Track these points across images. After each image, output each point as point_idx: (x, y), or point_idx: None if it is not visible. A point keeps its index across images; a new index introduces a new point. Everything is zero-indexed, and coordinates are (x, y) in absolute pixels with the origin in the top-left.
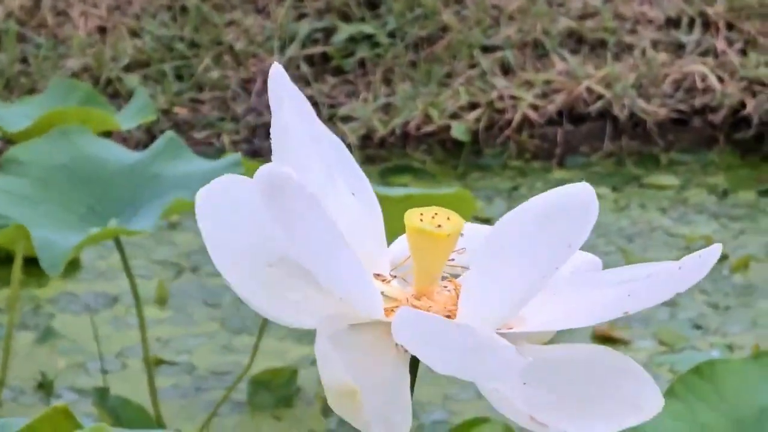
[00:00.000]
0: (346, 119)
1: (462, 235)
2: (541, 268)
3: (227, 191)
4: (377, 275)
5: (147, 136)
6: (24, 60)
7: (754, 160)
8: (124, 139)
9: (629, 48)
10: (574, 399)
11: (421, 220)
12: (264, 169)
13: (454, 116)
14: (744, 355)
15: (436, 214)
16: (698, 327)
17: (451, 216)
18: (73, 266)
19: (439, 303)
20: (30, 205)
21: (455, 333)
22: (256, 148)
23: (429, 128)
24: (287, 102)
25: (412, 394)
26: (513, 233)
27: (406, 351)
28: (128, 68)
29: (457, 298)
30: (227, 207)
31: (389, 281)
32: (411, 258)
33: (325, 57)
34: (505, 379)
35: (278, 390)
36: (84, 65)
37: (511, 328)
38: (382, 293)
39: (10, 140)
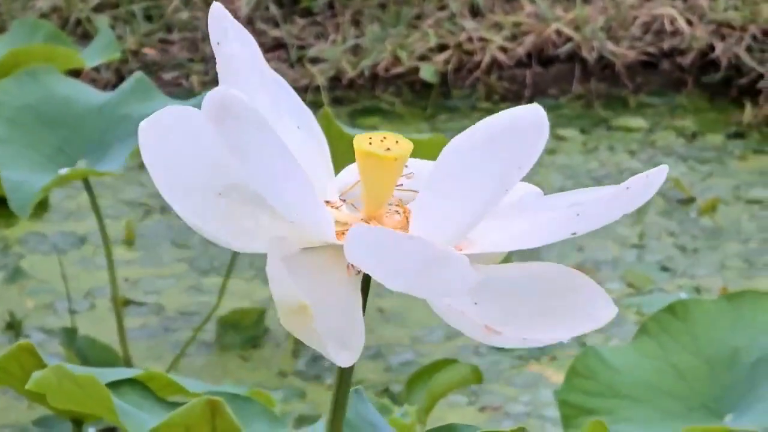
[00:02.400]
0: (315, 61)
1: (406, 166)
2: (491, 189)
3: (172, 122)
4: (327, 202)
5: (116, 77)
6: None
7: (723, 103)
8: (93, 80)
9: None
10: (528, 313)
11: (370, 143)
12: (214, 92)
13: (423, 58)
14: (712, 297)
15: (384, 138)
16: (666, 269)
17: (400, 140)
18: (41, 206)
19: (389, 226)
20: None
21: (409, 245)
22: None
23: (398, 70)
24: (231, 33)
25: (363, 315)
26: (464, 154)
27: (358, 272)
28: (98, 9)
29: (406, 222)
30: (173, 138)
31: (339, 207)
32: (360, 183)
33: None
34: (458, 292)
35: (246, 331)
36: (53, 5)
37: (461, 250)
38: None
39: None
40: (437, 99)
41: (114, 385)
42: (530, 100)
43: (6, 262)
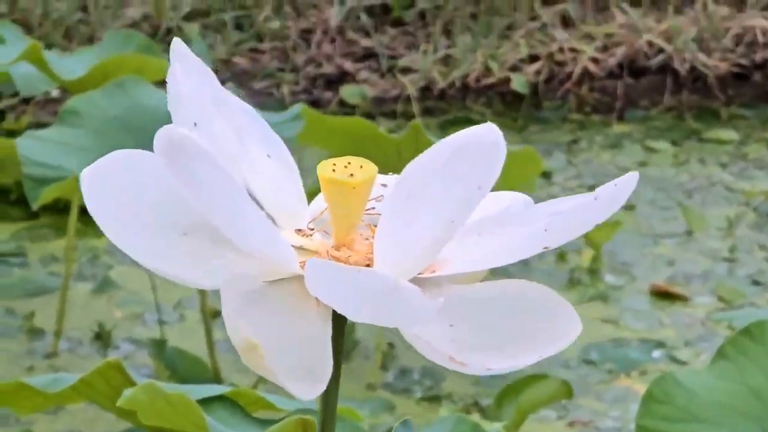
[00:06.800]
0: (406, 71)
1: (385, 186)
2: (451, 211)
3: (119, 168)
4: (298, 231)
5: None
6: (84, 8)
7: None
8: None
9: (690, 1)
10: (497, 335)
11: (334, 170)
12: (162, 130)
13: (514, 68)
14: None
15: (349, 163)
16: (757, 283)
17: (364, 164)
18: None
19: (360, 252)
20: (87, 156)
21: (359, 279)
22: (316, 98)
23: (489, 80)
24: (181, 73)
25: (342, 345)
26: (421, 177)
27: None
28: (188, 17)
29: None
30: (121, 183)
31: (311, 235)
32: (327, 210)
33: (386, 8)
34: (418, 321)
35: None
36: (144, 14)
37: (434, 272)
38: (302, 247)
39: (67, 90)
40: (528, 110)
41: (204, 402)
42: (621, 112)
43: (95, 272)
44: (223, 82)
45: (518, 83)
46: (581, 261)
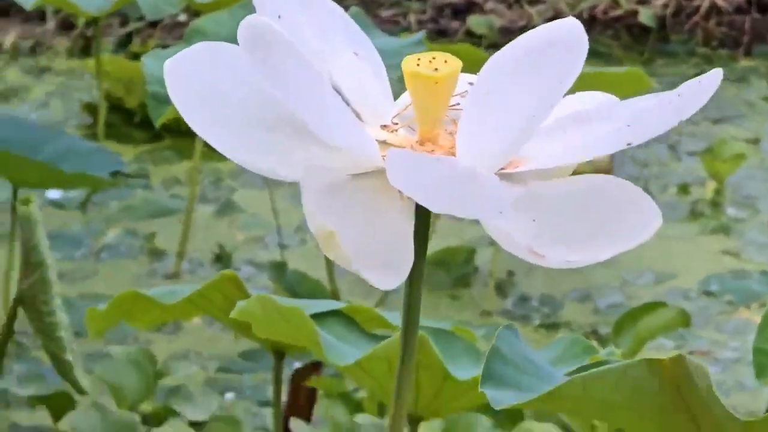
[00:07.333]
0: (533, 1)
1: (472, 84)
2: (531, 104)
3: (204, 59)
4: (384, 126)
5: None
6: None
7: None
8: None
9: None
10: (578, 229)
11: (418, 64)
12: (245, 20)
13: (642, 1)
14: None
15: (433, 58)
16: None
17: (449, 59)
18: None
19: (444, 147)
20: None
21: (437, 167)
22: (443, 27)
23: (616, 13)
24: None
25: (426, 239)
26: (501, 71)
27: (410, 197)
28: None
29: None
30: (207, 75)
31: (395, 131)
32: (412, 105)
33: None
34: (494, 211)
35: (455, 269)
36: None
37: (517, 167)
38: (386, 142)
39: (195, 13)
40: (655, 43)
41: (318, 317)
42: (748, 47)
43: (218, 195)
44: (347, 8)
45: (646, 16)
46: (704, 193)
